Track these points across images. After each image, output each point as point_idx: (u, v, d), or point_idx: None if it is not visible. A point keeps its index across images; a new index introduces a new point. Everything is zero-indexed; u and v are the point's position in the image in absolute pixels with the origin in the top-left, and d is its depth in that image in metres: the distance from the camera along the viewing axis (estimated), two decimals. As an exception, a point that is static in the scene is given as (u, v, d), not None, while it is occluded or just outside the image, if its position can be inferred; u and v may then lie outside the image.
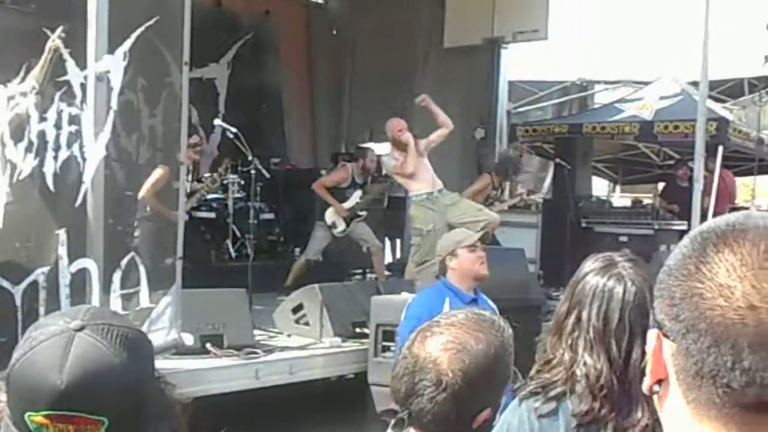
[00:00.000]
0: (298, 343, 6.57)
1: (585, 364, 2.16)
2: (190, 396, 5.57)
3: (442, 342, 1.80)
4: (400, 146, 8.06)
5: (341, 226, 8.87)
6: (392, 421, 1.81)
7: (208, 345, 5.82)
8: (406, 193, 8.82)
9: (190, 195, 7.93)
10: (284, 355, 6.26)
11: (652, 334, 0.94)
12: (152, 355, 1.24)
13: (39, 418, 1.13)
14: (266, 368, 5.99)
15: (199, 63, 11.13)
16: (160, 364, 5.33)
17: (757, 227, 0.88)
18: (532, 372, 2.29)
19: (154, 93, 5.99)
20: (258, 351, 6.06)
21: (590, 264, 2.30)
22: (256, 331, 6.50)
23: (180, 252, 5.14)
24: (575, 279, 2.31)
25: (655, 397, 0.95)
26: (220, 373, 5.76)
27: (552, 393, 2.18)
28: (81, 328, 1.17)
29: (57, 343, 1.15)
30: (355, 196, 8.93)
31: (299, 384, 6.22)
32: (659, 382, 0.93)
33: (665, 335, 0.91)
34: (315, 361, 6.37)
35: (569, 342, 2.22)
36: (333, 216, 8.88)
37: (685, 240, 0.93)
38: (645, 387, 0.95)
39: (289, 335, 6.80)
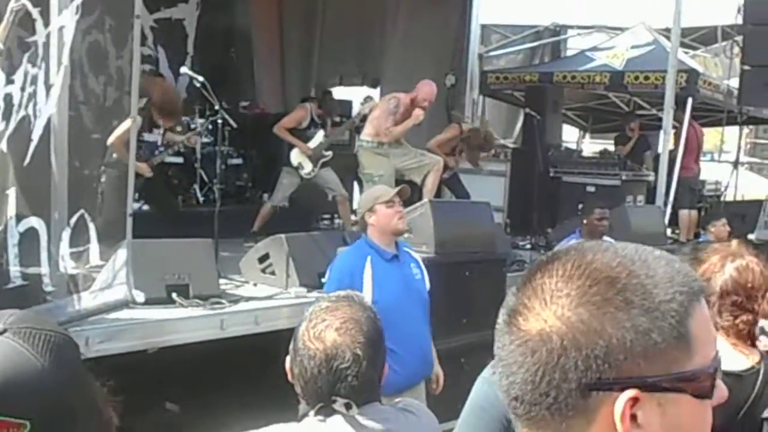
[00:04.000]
0: (264, 293, 6.56)
1: None
2: (156, 345, 5.60)
3: (336, 327, 1.92)
4: (408, 111, 8.04)
5: (308, 166, 8.73)
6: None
7: (174, 295, 5.83)
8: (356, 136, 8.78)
9: (166, 146, 7.87)
10: (250, 305, 6.24)
11: None
12: (78, 357, 1.23)
13: (-42, 420, 1.12)
14: (231, 318, 5.98)
15: (168, 3, 10.95)
16: (126, 314, 5.34)
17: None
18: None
19: (122, 34, 5.86)
20: (223, 301, 6.05)
21: None
22: (222, 280, 6.46)
23: (131, 208, 5.05)
24: None
25: None
26: (185, 324, 5.74)
27: None
28: (2, 332, 1.16)
29: None
30: (319, 136, 8.81)
31: (265, 334, 6.24)
32: None
33: None
34: (280, 312, 6.39)
35: None
36: (299, 157, 8.73)
37: None
38: None
39: (255, 284, 6.79)
